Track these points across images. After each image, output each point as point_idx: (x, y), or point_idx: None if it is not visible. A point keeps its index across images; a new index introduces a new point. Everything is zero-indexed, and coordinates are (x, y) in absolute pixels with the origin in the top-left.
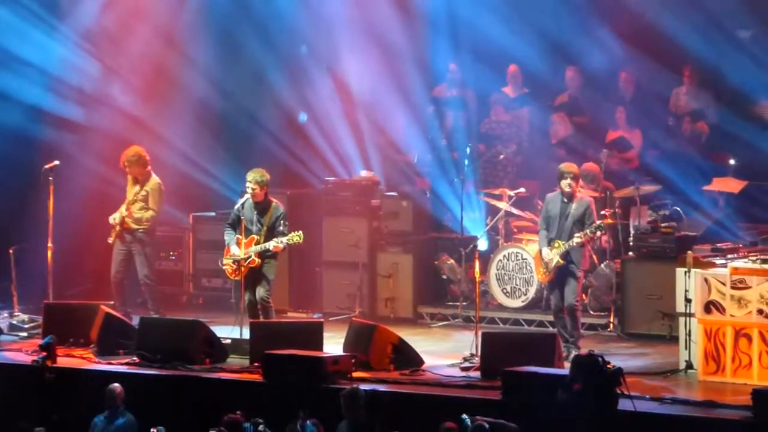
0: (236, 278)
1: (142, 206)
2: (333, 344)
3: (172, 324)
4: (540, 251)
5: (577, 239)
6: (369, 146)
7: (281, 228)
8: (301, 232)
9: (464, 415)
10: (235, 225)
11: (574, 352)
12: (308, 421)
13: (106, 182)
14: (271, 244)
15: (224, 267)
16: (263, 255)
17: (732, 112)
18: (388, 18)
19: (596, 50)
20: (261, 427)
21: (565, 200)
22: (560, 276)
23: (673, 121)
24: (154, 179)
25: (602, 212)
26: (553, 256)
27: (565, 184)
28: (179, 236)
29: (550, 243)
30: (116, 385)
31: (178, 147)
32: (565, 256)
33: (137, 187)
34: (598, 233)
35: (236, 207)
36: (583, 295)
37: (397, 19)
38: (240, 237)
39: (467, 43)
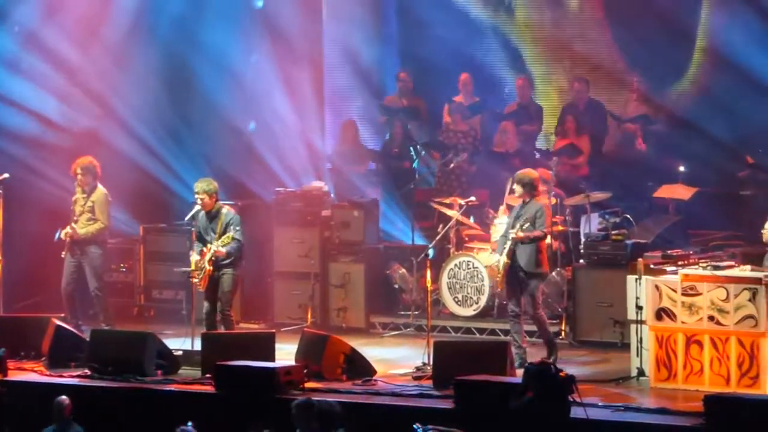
0: (201, 289)
1: (89, 218)
2: (285, 355)
3: (124, 336)
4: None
5: (512, 234)
6: (319, 156)
7: (232, 233)
8: (231, 234)
9: (417, 425)
10: (197, 236)
11: (552, 358)
12: None
13: (57, 195)
14: (211, 251)
15: (191, 279)
16: (217, 264)
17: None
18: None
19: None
20: None
21: (522, 205)
22: (514, 281)
23: (623, 129)
24: (101, 190)
25: (553, 220)
26: (499, 256)
27: (516, 188)
28: (130, 248)
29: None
30: (63, 397)
31: (130, 158)
32: (511, 255)
33: (84, 199)
34: (534, 235)
35: (187, 218)
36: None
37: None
38: (203, 248)
39: (417, 51)
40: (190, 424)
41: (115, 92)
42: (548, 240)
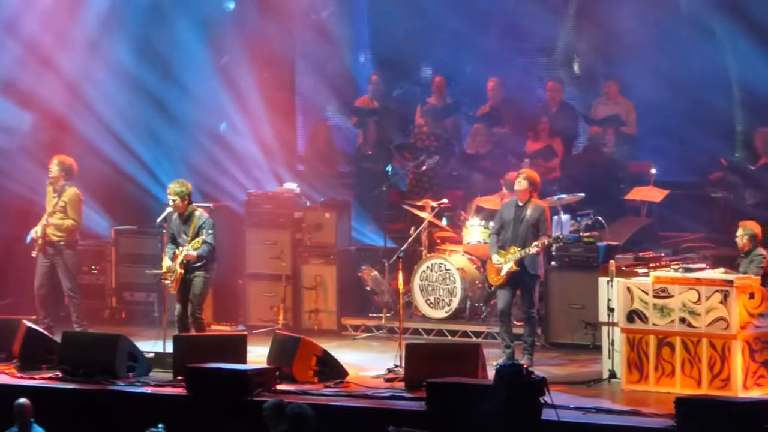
0: (173, 291)
1: (61, 217)
2: (257, 357)
3: (95, 338)
4: (491, 257)
5: (534, 248)
6: (291, 158)
7: (203, 236)
8: (201, 238)
9: (391, 427)
10: (171, 238)
11: (527, 360)
12: None
13: (27, 196)
14: (182, 254)
15: (164, 281)
16: (188, 267)
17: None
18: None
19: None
20: None
21: (520, 204)
22: (513, 281)
23: (595, 131)
24: (72, 189)
25: None
26: (506, 261)
27: (516, 181)
28: (101, 250)
29: (504, 248)
30: (24, 400)
31: (104, 159)
32: (519, 262)
33: (56, 198)
34: (556, 244)
35: (158, 221)
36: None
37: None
38: (176, 250)
39: (390, 53)
40: (161, 426)
41: (89, 90)
42: None
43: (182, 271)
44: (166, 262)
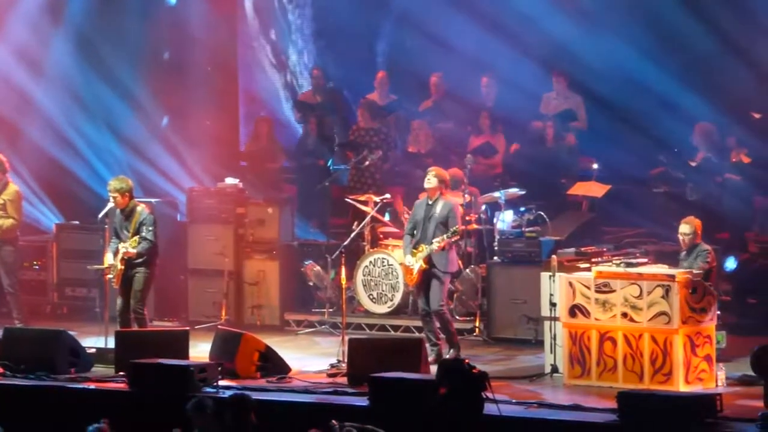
0: (116, 286)
1: (1, 215)
2: (199, 353)
3: (37, 334)
4: (404, 258)
5: (435, 244)
6: (234, 153)
7: (144, 233)
8: (143, 235)
9: (333, 422)
10: (114, 234)
11: (453, 353)
12: None
13: None
14: (122, 251)
15: (107, 276)
16: (129, 263)
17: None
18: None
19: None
20: None
21: (430, 203)
22: (425, 280)
23: (537, 126)
24: (13, 187)
25: (467, 218)
26: (415, 260)
27: (425, 179)
28: (43, 246)
29: (416, 247)
30: None
31: (43, 154)
32: (428, 260)
33: None
34: (454, 238)
35: (99, 216)
36: (449, 301)
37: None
38: (118, 245)
39: (334, 47)
40: (102, 421)
41: (32, 85)
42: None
43: (123, 267)
44: (109, 258)
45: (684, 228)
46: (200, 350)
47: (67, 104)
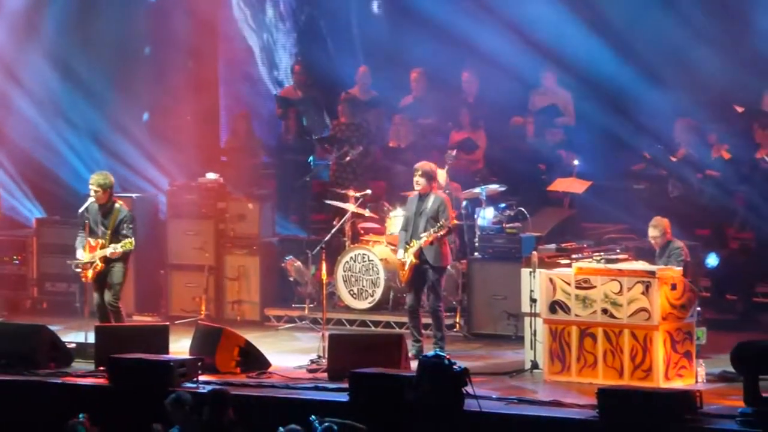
0: (86, 280)
1: None
2: (179, 348)
3: (17, 329)
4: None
5: (423, 238)
6: (214, 148)
7: (124, 231)
8: (132, 239)
9: (313, 417)
10: (84, 228)
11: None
12: None
13: None
14: (108, 251)
15: (77, 270)
16: (107, 259)
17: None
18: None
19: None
20: None
21: (421, 198)
22: (418, 276)
23: (517, 121)
24: None
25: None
26: (407, 255)
27: (414, 181)
28: (22, 240)
29: (408, 243)
30: None
31: (22, 149)
32: (419, 255)
33: None
34: (441, 232)
35: (80, 211)
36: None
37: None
38: (89, 240)
39: (316, 42)
40: (82, 416)
41: (15, 78)
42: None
43: (102, 264)
44: (80, 253)
45: (652, 231)
46: (180, 345)
47: (47, 100)
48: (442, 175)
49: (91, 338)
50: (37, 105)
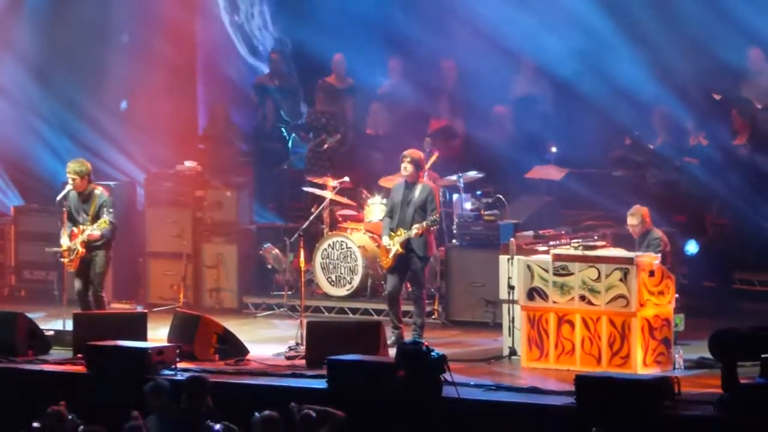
0: (71, 269)
1: None
2: (157, 335)
3: None
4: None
5: (415, 230)
6: (191, 136)
7: (106, 215)
8: (107, 218)
9: (292, 404)
10: (69, 217)
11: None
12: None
13: None
14: (86, 233)
15: (61, 259)
16: (89, 246)
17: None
18: None
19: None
20: None
21: (408, 186)
22: (401, 264)
23: (498, 110)
24: None
25: None
26: (393, 243)
27: (402, 167)
28: (0, 228)
29: (394, 230)
30: None
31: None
32: (406, 244)
33: None
34: (434, 228)
35: (58, 199)
36: (406, 283)
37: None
38: (72, 229)
39: (293, 30)
40: (61, 404)
41: None
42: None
43: (84, 250)
44: (65, 241)
45: (631, 220)
46: (158, 333)
47: (27, 86)
48: None
49: (70, 326)
50: (10, 94)
